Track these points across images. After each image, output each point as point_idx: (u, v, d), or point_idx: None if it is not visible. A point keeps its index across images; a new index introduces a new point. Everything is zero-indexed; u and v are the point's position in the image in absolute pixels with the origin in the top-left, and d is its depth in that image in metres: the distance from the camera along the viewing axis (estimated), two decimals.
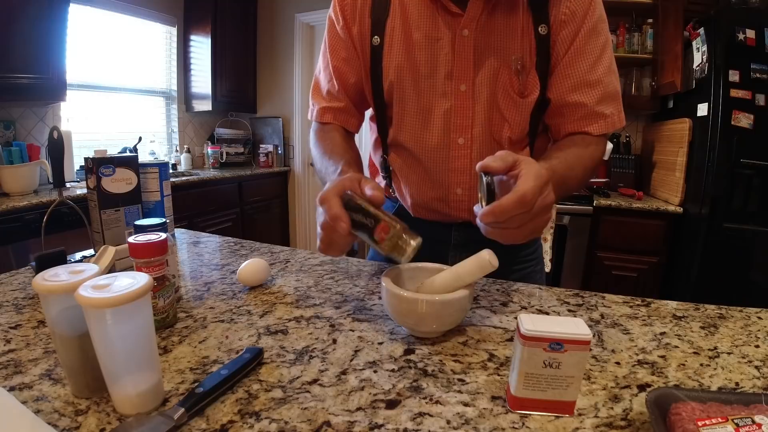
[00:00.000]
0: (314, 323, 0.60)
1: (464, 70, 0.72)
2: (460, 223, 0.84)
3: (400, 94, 0.77)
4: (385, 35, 0.75)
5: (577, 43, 0.70)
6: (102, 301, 0.36)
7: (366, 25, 0.76)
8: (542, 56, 0.71)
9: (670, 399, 0.37)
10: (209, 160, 3.41)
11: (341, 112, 0.85)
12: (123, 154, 0.98)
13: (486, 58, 0.71)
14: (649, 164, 2.55)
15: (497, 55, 0.71)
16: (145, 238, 0.53)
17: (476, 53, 0.71)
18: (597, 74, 0.70)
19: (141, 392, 0.40)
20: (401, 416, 0.40)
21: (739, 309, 0.65)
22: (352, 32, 0.78)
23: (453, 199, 0.80)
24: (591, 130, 0.72)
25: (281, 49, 3.65)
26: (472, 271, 0.54)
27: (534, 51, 0.70)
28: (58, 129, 0.86)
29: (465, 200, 0.79)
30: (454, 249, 0.85)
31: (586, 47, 0.70)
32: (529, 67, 0.71)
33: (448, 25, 0.71)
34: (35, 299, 0.67)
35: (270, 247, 0.97)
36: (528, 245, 0.88)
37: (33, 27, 2.06)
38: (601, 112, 0.72)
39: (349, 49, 0.80)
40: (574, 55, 0.70)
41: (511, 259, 0.85)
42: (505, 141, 0.75)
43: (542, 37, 0.70)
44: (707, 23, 2.04)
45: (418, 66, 0.74)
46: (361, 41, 0.78)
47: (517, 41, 0.70)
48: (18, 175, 2.07)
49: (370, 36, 0.76)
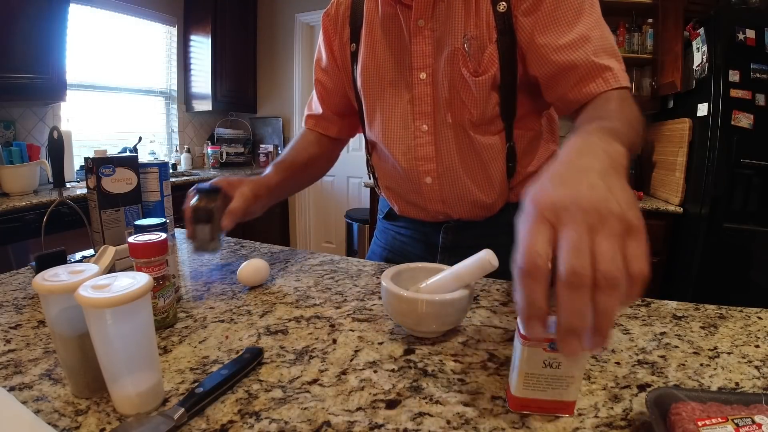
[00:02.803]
0: (314, 323, 0.60)
1: (423, 58, 0.73)
2: (449, 224, 0.84)
3: (368, 91, 0.79)
4: (360, 41, 0.79)
5: (543, 9, 0.64)
6: (102, 301, 0.36)
7: (345, 35, 0.81)
8: (504, 33, 0.67)
9: (670, 399, 0.37)
10: (209, 160, 3.41)
11: (320, 119, 0.94)
12: (123, 154, 0.98)
13: (444, 44, 0.71)
14: (649, 164, 2.55)
15: (453, 41, 0.70)
16: (145, 238, 0.53)
17: (434, 41, 0.72)
18: (577, 33, 0.63)
19: (141, 392, 0.40)
20: (401, 416, 0.40)
21: (739, 309, 0.65)
22: (333, 45, 0.84)
23: (425, 190, 0.80)
24: (600, 86, 0.62)
25: (281, 49, 3.65)
26: (472, 271, 0.54)
27: (494, 29, 0.68)
28: (58, 129, 0.86)
29: (436, 189, 0.79)
30: (444, 252, 0.85)
31: (557, 12, 0.64)
32: (486, 44, 0.68)
33: (405, 17, 0.72)
34: (35, 299, 0.67)
35: (270, 247, 0.97)
36: None
37: (33, 27, 2.06)
38: (600, 64, 0.62)
39: (329, 60, 0.86)
40: (546, 23, 0.64)
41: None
42: (468, 124, 0.73)
43: (501, 14, 0.67)
44: (707, 23, 2.04)
45: (380, 62, 0.76)
46: (342, 51, 0.83)
47: (472, 24, 0.69)
48: (18, 175, 2.08)
49: (349, 44, 0.81)
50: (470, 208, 0.80)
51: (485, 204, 0.79)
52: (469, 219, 0.82)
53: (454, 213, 0.81)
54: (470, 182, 0.77)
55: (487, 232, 0.83)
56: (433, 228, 0.86)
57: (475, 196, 0.78)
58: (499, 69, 0.69)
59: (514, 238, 0.33)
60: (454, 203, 0.80)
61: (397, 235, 0.94)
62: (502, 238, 0.83)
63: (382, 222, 0.99)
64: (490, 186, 0.77)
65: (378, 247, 0.99)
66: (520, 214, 0.33)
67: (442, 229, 0.85)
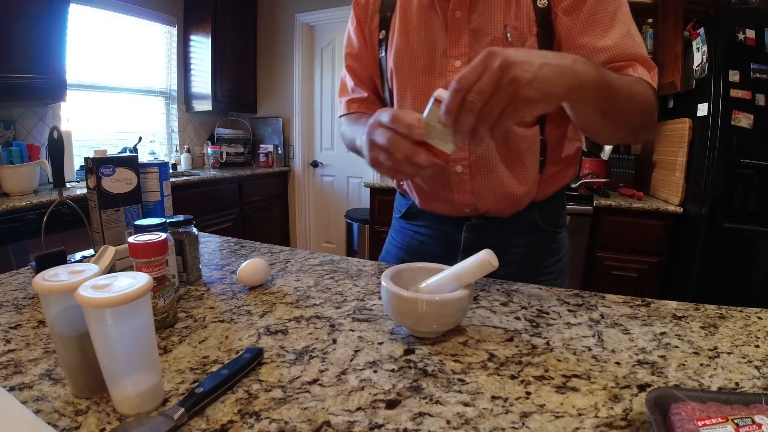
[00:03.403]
0: (314, 323, 0.60)
1: (458, 47, 0.74)
2: (471, 222, 0.83)
3: (399, 77, 0.80)
4: (389, 29, 0.81)
5: (584, 12, 0.67)
6: (102, 301, 0.36)
7: (375, 22, 0.84)
8: (544, 28, 0.70)
9: (670, 399, 0.37)
10: (209, 160, 3.41)
11: (365, 102, 0.92)
12: (123, 154, 0.98)
13: (482, 34, 0.72)
14: (649, 164, 2.55)
15: (493, 31, 0.71)
16: (145, 238, 0.53)
17: (470, 31, 0.73)
18: (611, 40, 0.66)
19: (141, 392, 0.40)
20: (401, 416, 0.40)
21: (739, 309, 0.65)
22: (365, 32, 0.86)
23: (454, 180, 0.79)
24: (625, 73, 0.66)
25: (281, 49, 3.65)
26: (472, 271, 0.54)
27: (534, 23, 0.70)
28: (58, 129, 0.86)
29: (466, 179, 0.78)
30: (465, 251, 0.84)
31: (594, 16, 0.67)
32: (527, 36, 0.70)
33: (442, 8, 0.74)
34: (35, 299, 0.67)
35: (270, 247, 0.97)
36: (553, 254, 0.86)
37: (33, 27, 2.06)
38: (629, 63, 0.66)
39: (361, 47, 0.87)
40: (584, 24, 0.67)
41: (535, 270, 0.84)
42: None
43: (541, 9, 0.69)
44: (707, 23, 2.04)
45: (414, 49, 0.77)
46: (371, 38, 0.85)
47: (513, 15, 0.70)
48: (18, 175, 2.07)
49: (378, 31, 0.83)
50: (500, 199, 0.79)
51: (516, 196, 0.78)
52: (494, 214, 0.81)
53: (481, 205, 0.80)
54: (506, 171, 0.76)
55: (510, 232, 0.82)
56: (455, 226, 0.84)
57: (508, 186, 0.77)
58: None
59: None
60: (485, 194, 0.78)
61: (416, 234, 0.92)
62: (524, 239, 0.84)
63: (399, 221, 0.97)
64: (524, 176, 0.77)
65: (393, 247, 0.98)
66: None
67: (464, 227, 0.83)
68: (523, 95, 0.47)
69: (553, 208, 0.85)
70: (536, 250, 0.85)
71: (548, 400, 0.43)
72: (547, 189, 0.82)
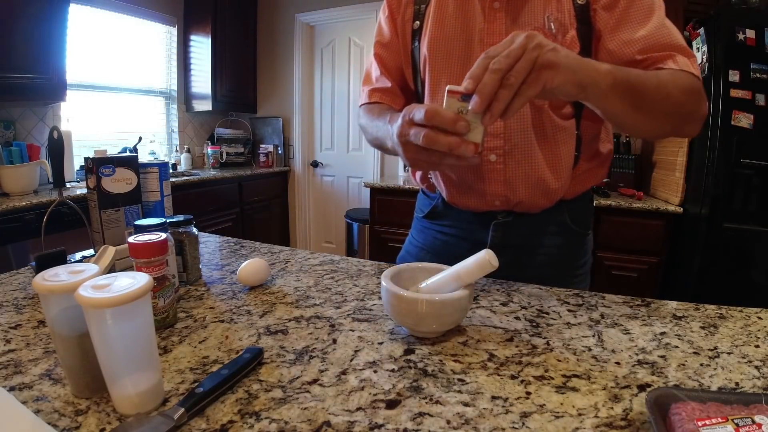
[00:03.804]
0: (314, 323, 0.60)
1: (496, 35, 0.74)
2: (499, 221, 0.82)
3: (433, 65, 0.80)
4: (424, 20, 0.81)
5: (620, 6, 0.68)
6: (102, 301, 0.36)
7: (409, 13, 0.84)
8: (583, 23, 0.71)
9: (670, 399, 0.37)
10: (209, 160, 3.41)
11: (387, 92, 0.91)
12: (123, 154, 0.98)
13: (521, 25, 0.72)
14: (649, 164, 2.55)
15: (533, 21, 0.72)
16: (145, 238, 0.53)
17: (509, 21, 0.73)
18: (645, 31, 0.67)
19: (141, 392, 0.40)
20: (401, 416, 0.40)
21: (739, 309, 0.65)
22: (396, 21, 0.86)
23: (487, 169, 0.78)
24: (660, 66, 0.66)
25: (281, 49, 3.65)
26: (472, 271, 0.54)
27: (574, 18, 0.71)
28: (58, 129, 0.86)
29: (499, 168, 0.77)
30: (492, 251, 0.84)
31: (630, 11, 0.68)
32: (568, 28, 0.71)
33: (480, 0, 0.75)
34: (35, 299, 0.67)
35: (270, 247, 0.97)
36: (581, 256, 0.86)
37: (33, 27, 2.06)
38: (663, 55, 0.67)
39: (392, 36, 0.87)
40: (619, 19, 0.69)
41: (565, 274, 0.83)
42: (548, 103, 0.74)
43: (581, 6, 0.70)
44: (707, 23, 2.04)
45: (450, 38, 0.77)
46: (403, 27, 0.85)
47: (553, 9, 0.71)
48: (18, 175, 2.07)
49: (412, 22, 0.84)
50: (532, 189, 0.78)
51: (549, 188, 0.78)
52: (525, 207, 0.80)
53: (513, 195, 0.78)
54: (541, 160, 0.76)
55: (537, 231, 0.82)
56: (482, 224, 0.83)
57: (542, 175, 0.77)
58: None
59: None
60: (518, 183, 0.77)
61: (439, 234, 0.91)
62: (553, 240, 0.84)
63: (421, 221, 0.95)
64: (559, 167, 0.77)
65: (414, 247, 0.96)
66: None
67: (491, 226, 0.82)
68: (545, 59, 0.49)
69: (582, 208, 0.85)
70: (566, 253, 0.84)
71: (548, 400, 0.43)
72: (578, 187, 0.82)
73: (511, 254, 0.79)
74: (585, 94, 0.55)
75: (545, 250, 0.83)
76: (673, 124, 0.68)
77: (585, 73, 0.53)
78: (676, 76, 0.64)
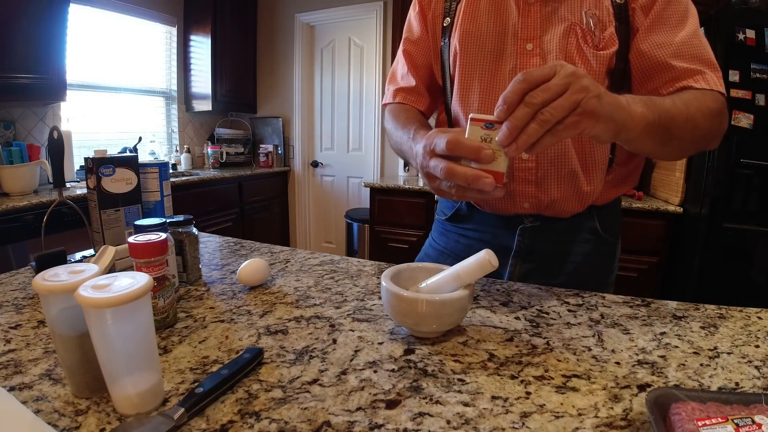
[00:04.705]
0: (314, 323, 0.60)
1: (530, 30, 0.73)
2: (526, 226, 0.80)
3: (464, 60, 0.78)
4: (455, 17, 0.80)
5: (655, 9, 0.68)
6: (102, 301, 0.36)
7: (440, 9, 0.83)
8: (621, 22, 0.70)
9: (670, 399, 0.37)
10: (209, 160, 3.41)
11: (412, 92, 0.90)
12: (123, 154, 0.98)
13: (557, 20, 0.71)
14: (649, 164, 2.55)
15: (571, 16, 0.71)
16: (145, 238, 0.53)
17: (545, 15, 0.72)
18: (680, 37, 0.67)
19: (141, 392, 0.40)
20: (401, 416, 0.40)
21: (739, 309, 0.65)
22: (427, 17, 0.85)
23: (519, 167, 0.75)
24: (690, 84, 0.67)
25: (281, 49, 3.65)
26: (472, 271, 0.54)
27: (612, 16, 0.70)
28: (58, 129, 0.86)
29: (531, 167, 0.75)
30: (516, 257, 0.81)
31: (665, 13, 0.68)
32: (607, 25, 0.70)
33: None
34: (35, 299, 0.67)
35: (270, 247, 0.97)
36: (610, 265, 0.85)
37: (33, 27, 2.06)
38: (695, 68, 0.67)
39: (422, 32, 0.86)
40: (653, 20, 0.68)
41: (596, 284, 0.80)
42: None
43: (619, 5, 0.70)
44: (707, 23, 2.03)
45: (482, 31, 0.76)
46: (434, 23, 0.85)
47: (591, 5, 0.70)
48: (18, 175, 2.07)
49: (442, 18, 0.83)
50: (565, 189, 0.76)
51: (581, 190, 0.76)
52: (555, 210, 0.78)
53: (544, 196, 0.76)
54: (576, 161, 0.74)
55: (565, 238, 0.80)
56: (508, 228, 0.81)
57: (576, 177, 0.75)
58: (616, 52, 0.70)
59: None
60: (550, 182, 0.75)
61: (462, 238, 0.88)
62: (582, 248, 0.82)
63: (443, 224, 0.93)
64: (593, 169, 0.75)
65: (434, 249, 0.93)
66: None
67: (518, 230, 0.80)
68: (590, 107, 0.46)
69: (612, 215, 0.83)
70: (595, 262, 0.82)
71: (548, 400, 0.43)
72: (610, 193, 0.80)
73: (537, 260, 0.78)
74: (617, 138, 0.54)
75: (574, 258, 0.81)
76: (697, 148, 0.69)
77: (621, 120, 0.51)
78: (702, 99, 0.64)
